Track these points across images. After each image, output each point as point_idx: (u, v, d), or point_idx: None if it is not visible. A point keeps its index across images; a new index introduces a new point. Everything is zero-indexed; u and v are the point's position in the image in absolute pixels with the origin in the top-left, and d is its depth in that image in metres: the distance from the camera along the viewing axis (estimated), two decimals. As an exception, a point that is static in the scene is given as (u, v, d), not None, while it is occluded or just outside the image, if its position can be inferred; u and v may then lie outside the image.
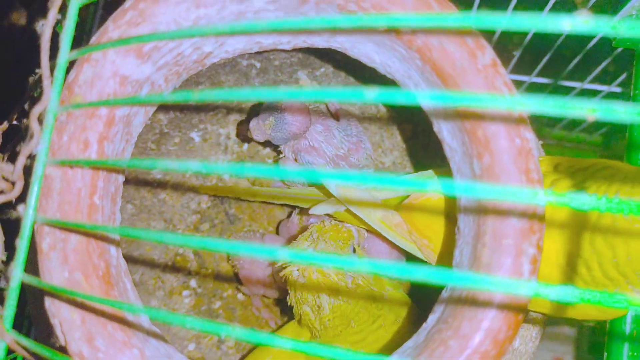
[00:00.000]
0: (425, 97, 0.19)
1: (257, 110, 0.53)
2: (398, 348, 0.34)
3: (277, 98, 0.22)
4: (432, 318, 0.33)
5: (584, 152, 0.78)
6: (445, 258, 0.41)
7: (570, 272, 0.34)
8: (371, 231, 0.48)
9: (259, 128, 0.49)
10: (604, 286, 0.33)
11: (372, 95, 0.20)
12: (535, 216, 0.30)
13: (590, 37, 0.55)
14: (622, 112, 0.17)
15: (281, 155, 0.53)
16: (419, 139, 0.58)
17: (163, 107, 0.58)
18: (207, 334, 0.58)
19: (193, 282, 0.59)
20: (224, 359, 0.58)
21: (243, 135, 0.59)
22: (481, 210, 0.31)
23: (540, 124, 0.75)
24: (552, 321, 0.76)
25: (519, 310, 0.30)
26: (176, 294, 0.58)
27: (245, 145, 0.60)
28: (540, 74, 0.63)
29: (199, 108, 0.59)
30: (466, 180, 0.33)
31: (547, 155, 0.44)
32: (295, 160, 0.53)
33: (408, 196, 0.44)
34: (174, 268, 0.59)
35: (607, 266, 0.32)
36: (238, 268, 0.57)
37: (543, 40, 0.58)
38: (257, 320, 0.59)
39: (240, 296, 0.59)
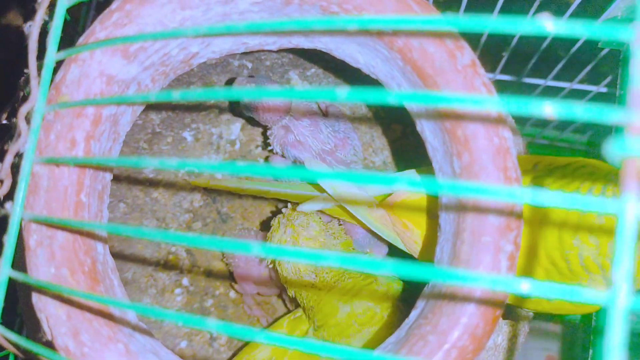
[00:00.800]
0: (393, 97, 0.20)
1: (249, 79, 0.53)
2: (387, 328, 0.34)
3: (254, 97, 0.22)
4: (414, 313, 0.34)
5: (576, 152, 0.79)
6: (427, 254, 0.41)
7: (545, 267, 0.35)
8: (357, 223, 0.49)
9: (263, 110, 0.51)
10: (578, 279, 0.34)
11: (343, 94, 0.21)
12: (512, 214, 0.31)
13: (577, 38, 0.55)
14: (579, 111, 0.18)
15: (271, 153, 0.54)
16: (409, 139, 0.59)
17: (155, 107, 0.58)
18: (199, 332, 0.59)
19: (185, 281, 0.59)
20: (216, 357, 0.59)
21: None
22: (461, 208, 0.32)
23: (532, 125, 0.76)
24: (545, 318, 0.77)
25: (497, 307, 0.31)
26: (168, 292, 0.59)
27: (237, 145, 0.61)
28: (530, 75, 0.63)
29: (191, 108, 0.60)
30: (447, 179, 0.34)
31: (532, 154, 0.44)
32: (282, 155, 0.53)
33: (391, 194, 0.45)
34: (166, 266, 0.59)
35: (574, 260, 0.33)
36: (233, 267, 0.57)
37: (532, 42, 0.59)
38: (248, 318, 0.60)
39: (232, 294, 0.60)
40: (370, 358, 0.19)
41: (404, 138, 0.59)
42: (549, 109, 0.19)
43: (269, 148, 0.54)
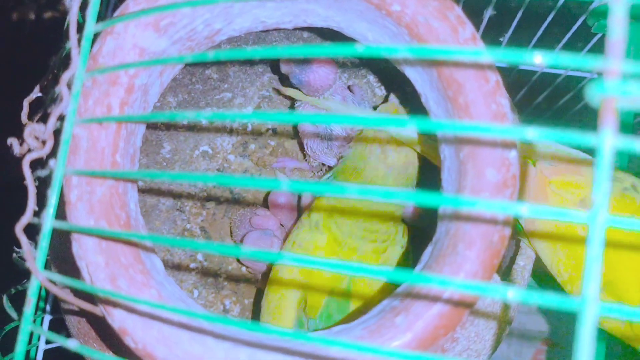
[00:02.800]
0: (403, 51, 0.23)
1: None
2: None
3: (292, 55, 0.25)
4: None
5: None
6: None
7: None
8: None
9: (287, 62, 0.55)
10: None
11: (360, 50, 0.24)
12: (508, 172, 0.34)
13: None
14: (565, 59, 0.21)
15: (297, 104, 0.58)
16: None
17: (172, 90, 0.61)
18: (213, 304, 0.62)
19: (199, 256, 0.62)
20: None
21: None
22: (459, 142, 0.35)
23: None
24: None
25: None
26: (184, 266, 0.62)
27: (249, 127, 0.64)
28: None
29: (205, 92, 0.63)
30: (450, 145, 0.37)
31: None
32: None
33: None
34: (181, 242, 0.62)
35: None
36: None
37: (531, 23, 0.62)
38: (259, 292, 0.63)
39: (243, 269, 0.63)
40: (412, 277, 0.22)
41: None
42: (538, 58, 0.22)
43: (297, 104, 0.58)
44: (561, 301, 0.21)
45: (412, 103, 0.59)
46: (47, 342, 0.54)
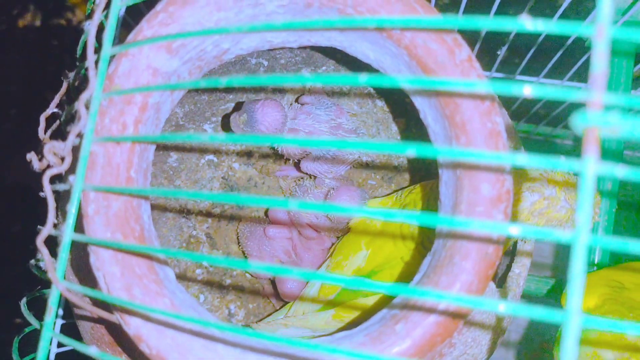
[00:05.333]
0: (404, 82, 0.25)
1: (240, 106, 0.60)
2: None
3: (299, 82, 0.27)
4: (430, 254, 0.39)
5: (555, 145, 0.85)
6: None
7: None
8: None
9: (234, 122, 0.56)
10: None
11: (364, 79, 0.26)
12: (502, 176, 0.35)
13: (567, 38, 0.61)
14: (550, 91, 0.23)
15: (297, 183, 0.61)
16: (412, 131, 0.64)
17: (179, 102, 0.63)
18: (218, 308, 0.63)
19: (205, 262, 0.64)
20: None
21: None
22: (457, 166, 0.37)
23: (525, 121, 0.81)
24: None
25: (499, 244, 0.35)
26: (190, 272, 0.64)
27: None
28: (524, 73, 0.68)
29: (211, 102, 0.65)
30: (447, 159, 0.39)
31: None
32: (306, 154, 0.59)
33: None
34: (187, 248, 0.64)
35: None
36: (247, 253, 0.63)
37: (525, 42, 0.64)
38: (263, 298, 0.65)
39: (248, 276, 0.65)
40: (408, 290, 0.24)
41: (407, 130, 0.64)
42: (527, 89, 0.24)
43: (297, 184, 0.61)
44: (547, 314, 0.22)
45: (413, 115, 0.61)
46: (59, 345, 0.56)
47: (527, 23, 0.24)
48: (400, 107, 0.64)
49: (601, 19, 0.23)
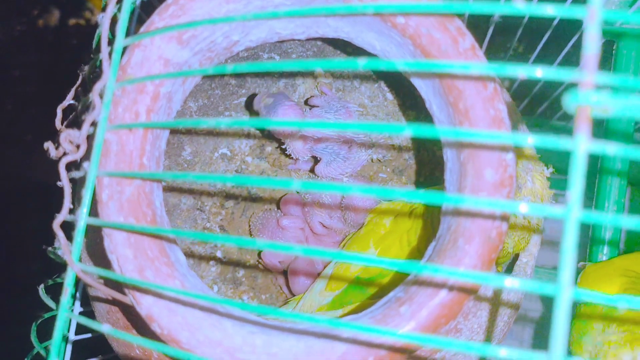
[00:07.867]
0: (402, 64, 0.26)
1: (254, 97, 0.62)
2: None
3: (302, 67, 0.28)
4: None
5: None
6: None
7: None
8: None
9: (259, 99, 0.59)
10: None
11: (363, 63, 0.26)
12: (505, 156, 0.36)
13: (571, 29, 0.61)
14: (543, 71, 0.24)
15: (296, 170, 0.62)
16: (422, 123, 0.64)
17: (193, 96, 0.65)
18: (230, 296, 0.65)
19: (219, 253, 0.66)
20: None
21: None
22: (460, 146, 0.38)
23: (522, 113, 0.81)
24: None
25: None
26: (204, 263, 0.65)
27: (266, 131, 0.67)
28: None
29: (224, 97, 0.66)
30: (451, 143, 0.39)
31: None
32: (314, 157, 0.61)
33: None
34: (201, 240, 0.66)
35: None
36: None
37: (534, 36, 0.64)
38: (276, 287, 0.66)
39: (261, 266, 0.66)
40: (419, 267, 0.25)
41: (417, 122, 0.65)
42: (521, 72, 0.24)
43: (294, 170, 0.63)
44: (539, 287, 0.23)
45: (423, 107, 0.62)
46: (76, 333, 0.58)
47: (519, 4, 0.25)
48: (410, 99, 0.65)
49: (593, 1, 0.23)
